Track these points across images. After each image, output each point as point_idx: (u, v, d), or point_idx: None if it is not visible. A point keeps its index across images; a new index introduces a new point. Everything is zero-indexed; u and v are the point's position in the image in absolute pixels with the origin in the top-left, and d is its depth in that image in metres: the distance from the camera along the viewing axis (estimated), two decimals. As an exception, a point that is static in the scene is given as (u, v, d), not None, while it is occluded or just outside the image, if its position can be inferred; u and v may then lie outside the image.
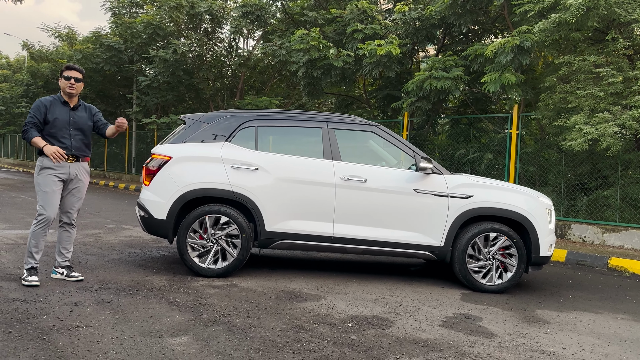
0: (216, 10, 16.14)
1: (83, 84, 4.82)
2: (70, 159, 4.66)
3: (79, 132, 4.72)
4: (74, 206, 4.80)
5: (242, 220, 5.20)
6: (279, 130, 5.66)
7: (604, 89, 8.09)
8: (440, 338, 3.73)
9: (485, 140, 11.10)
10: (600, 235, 8.56)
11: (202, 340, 3.38)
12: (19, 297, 4.11)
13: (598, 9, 7.91)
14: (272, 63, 16.76)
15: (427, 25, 10.99)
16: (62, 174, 4.61)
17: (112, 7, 19.30)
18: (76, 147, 4.69)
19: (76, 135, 4.70)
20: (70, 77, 4.65)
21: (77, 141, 4.71)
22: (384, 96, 12.49)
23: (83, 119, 4.77)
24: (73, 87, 4.66)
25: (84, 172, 4.81)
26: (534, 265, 5.44)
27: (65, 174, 4.64)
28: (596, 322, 4.44)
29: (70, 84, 4.64)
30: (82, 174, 4.79)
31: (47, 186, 4.54)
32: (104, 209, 10.98)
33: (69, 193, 4.74)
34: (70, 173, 4.67)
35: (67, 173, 4.65)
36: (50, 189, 4.55)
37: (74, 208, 4.81)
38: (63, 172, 4.61)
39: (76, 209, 4.84)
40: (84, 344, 3.17)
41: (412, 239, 5.31)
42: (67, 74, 4.67)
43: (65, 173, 4.63)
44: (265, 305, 4.30)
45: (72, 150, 4.65)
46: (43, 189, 4.55)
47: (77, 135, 4.71)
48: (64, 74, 4.68)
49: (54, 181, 4.57)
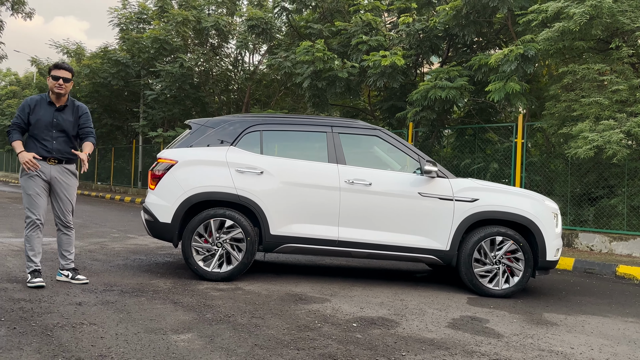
0: (222, 26, 16.32)
1: (72, 83, 4.65)
2: (51, 161, 4.52)
3: (62, 134, 4.55)
4: (65, 208, 4.66)
5: (247, 223, 5.20)
6: (284, 134, 5.67)
7: (608, 96, 8.09)
8: (447, 337, 3.69)
9: (491, 151, 11.08)
10: (607, 243, 8.48)
11: (206, 337, 3.36)
12: (24, 297, 4.11)
13: (602, 18, 7.95)
14: (277, 77, 16.89)
15: (431, 36, 11.07)
16: (44, 176, 4.50)
17: (119, 23, 19.55)
18: (57, 150, 4.53)
19: (59, 137, 4.54)
20: (58, 77, 4.48)
21: (60, 143, 4.54)
22: (388, 107, 12.53)
23: (68, 120, 4.58)
24: (62, 87, 4.49)
25: (68, 175, 4.64)
26: (541, 270, 5.39)
27: (47, 177, 4.51)
28: (604, 324, 4.38)
29: (59, 84, 4.47)
30: (66, 176, 4.63)
31: (30, 189, 4.47)
32: (109, 220, 11.01)
33: (56, 196, 4.63)
34: (52, 176, 4.53)
35: (49, 175, 4.52)
36: (33, 191, 4.46)
37: (66, 210, 4.67)
38: (44, 175, 4.50)
39: (68, 211, 4.68)
40: (88, 340, 3.16)
41: (417, 243, 5.29)
42: (55, 73, 4.49)
43: (47, 175, 4.51)
44: (270, 306, 4.28)
45: (52, 153, 4.51)
46: (27, 192, 4.49)
47: (60, 137, 4.54)
48: (52, 73, 4.49)
49: (36, 183, 4.47)
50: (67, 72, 4.55)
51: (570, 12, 7.96)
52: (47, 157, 4.51)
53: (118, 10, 19.70)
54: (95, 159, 25.00)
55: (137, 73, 19.44)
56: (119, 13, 19.63)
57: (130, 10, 20.07)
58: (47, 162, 4.52)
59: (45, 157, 4.51)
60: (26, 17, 18.98)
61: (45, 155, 4.51)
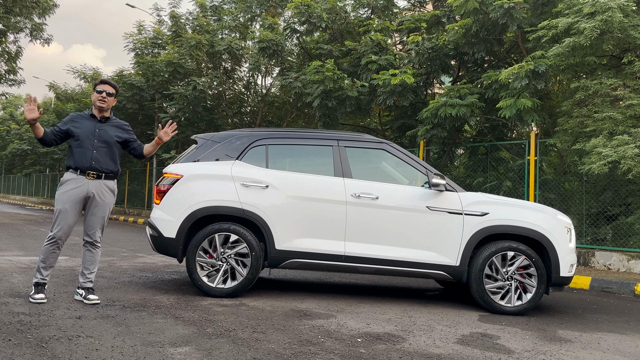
0: (235, 49, 16.50)
1: (115, 100, 4.70)
2: (90, 175, 4.47)
3: (104, 144, 4.55)
4: (95, 226, 4.56)
5: (252, 238, 5.12)
6: (289, 148, 5.62)
7: (622, 111, 7.95)
8: (454, 353, 3.55)
9: (504, 170, 10.93)
10: (625, 262, 8.23)
11: (204, 350, 3.26)
12: (24, 311, 4.05)
13: (613, 32, 7.86)
14: (289, 99, 16.98)
15: (440, 55, 11.05)
16: (80, 192, 4.43)
17: (135, 48, 19.89)
18: (97, 159, 4.49)
19: (100, 148, 4.52)
20: (102, 91, 4.57)
21: (101, 153, 4.52)
22: (399, 126, 12.47)
23: (110, 132, 4.61)
24: (104, 100, 4.57)
25: (106, 191, 4.57)
26: (554, 286, 5.22)
27: (84, 192, 4.45)
28: (622, 342, 4.20)
29: (102, 97, 4.55)
30: (104, 192, 4.55)
31: (62, 204, 4.42)
32: (120, 240, 11.01)
33: (89, 212, 4.55)
34: (89, 190, 4.48)
35: (86, 190, 4.46)
36: (63, 207, 4.41)
37: (95, 228, 4.57)
38: (81, 189, 4.44)
39: (98, 229, 4.59)
40: (83, 352, 3.08)
41: (426, 258, 5.15)
42: (100, 87, 4.59)
43: (84, 190, 4.45)
44: (273, 321, 4.17)
45: (92, 162, 4.47)
46: (57, 206, 4.44)
47: (101, 148, 4.53)
48: (97, 87, 4.60)
49: (71, 199, 4.41)
50: (111, 87, 4.65)
51: (580, 27, 7.89)
52: (86, 170, 4.45)
53: (133, 35, 20.07)
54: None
55: (151, 96, 19.68)
56: (134, 38, 19.99)
57: (146, 35, 20.44)
58: (86, 176, 4.46)
59: (85, 169, 4.45)
60: (44, 42, 19.41)
61: (84, 166, 4.45)
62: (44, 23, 19.26)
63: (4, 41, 18.48)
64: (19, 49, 19.58)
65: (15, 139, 37.73)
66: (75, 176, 4.47)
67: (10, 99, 37.82)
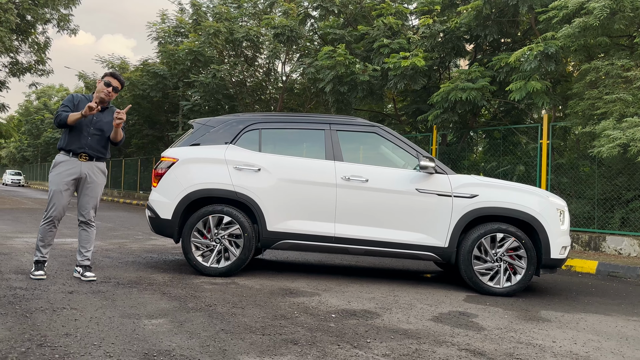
0: (253, 36, 16.64)
1: (116, 95, 4.83)
2: (83, 157, 4.69)
3: (98, 132, 4.72)
4: (88, 205, 4.79)
5: (245, 220, 5.27)
6: (282, 132, 5.73)
7: (633, 93, 7.76)
8: (423, 329, 3.62)
9: (520, 153, 10.79)
10: (637, 247, 8.08)
11: (177, 322, 3.43)
12: (22, 286, 4.31)
13: (624, 12, 7.66)
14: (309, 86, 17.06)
15: (452, 37, 10.93)
16: (73, 173, 4.67)
17: (158, 37, 20.26)
18: (90, 146, 4.69)
19: (95, 135, 4.70)
20: (110, 84, 4.71)
21: (94, 141, 4.70)
22: (413, 111, 12.43)
23: (106, 121, 4.75)
24: (110, 95, 4.73)
25: (97, 172, 4.79)
26: (545, 268, 5.20)
27: (77, 173, 4.68)
28: (602, 322, 4.19)
29: (108, 91, 4.70)
30: (96, 173, 4.77)
31: (56, 185, 4.65)
32: (139, 224, 11.36)
33: (82, 192, 4.79)
34: (82, 172, 4.70)
35: (79, 172, 4.69)
36: (57, 187, 4.64)
37: (89, 208, 4.80)
38: (74, 171, 4.66)
39: (91, 208, 4.82)
40: (61, 321, 3.29)
41: (414, 240, 5.21)
42: (108, 79, 4.72)
43: (77, 172, 4.68)
44: (256, 298, 4.31)
45: (85, 149, 4.68)
46: (52, 187, 4.68)
47: (95, 135, 4.71)
48: (105, 79, 4.73)
49: (63, 180, 4.64)
50: (118, 83, 4.79)
51: (590, 6, 7.71)
52: (79, 153, 4.67)
53: (156, 24, 20.44)
54: (139, 169, 25.87)
55: (174, 85, 20.06)
56: (157, 27, 20.36)
57: (169, 24, 20.78)
58: (78, 158, 4.68)
59: (78, 152, 4.67)
60: (71, 33, 19.96)
61: (77, 151, 4.67)
62: (71, 14, 19.81)
63: (33, 32, 19.08)
64: (47, 40, 20.18)
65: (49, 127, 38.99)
66: (68, 158, 4.69)
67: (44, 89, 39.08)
